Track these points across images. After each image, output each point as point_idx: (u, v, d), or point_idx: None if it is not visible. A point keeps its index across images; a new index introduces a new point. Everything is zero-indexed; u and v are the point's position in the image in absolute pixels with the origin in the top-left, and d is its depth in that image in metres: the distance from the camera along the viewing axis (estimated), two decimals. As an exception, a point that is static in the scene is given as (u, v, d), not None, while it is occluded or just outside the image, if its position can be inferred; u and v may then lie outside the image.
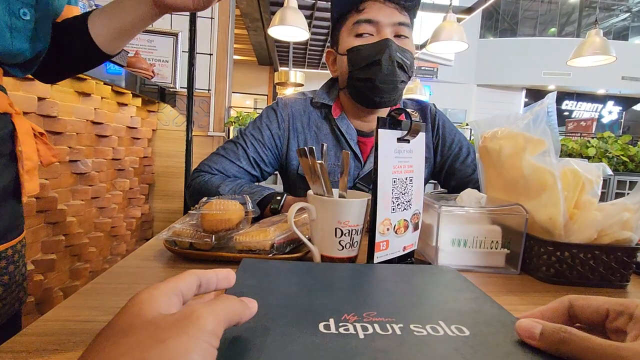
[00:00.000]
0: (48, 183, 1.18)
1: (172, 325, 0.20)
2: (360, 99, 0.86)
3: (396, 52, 0.78)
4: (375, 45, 0.79)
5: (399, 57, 0.78)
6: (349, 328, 0.28)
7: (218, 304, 0.23)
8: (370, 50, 0.79)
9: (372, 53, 0.78)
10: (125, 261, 0.51)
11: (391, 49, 0.77)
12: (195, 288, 0.26)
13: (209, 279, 0.27)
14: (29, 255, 1.12)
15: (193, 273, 0.26)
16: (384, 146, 0.48)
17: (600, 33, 2.79)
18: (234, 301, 0.24)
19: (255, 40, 6.56)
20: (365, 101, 0.85)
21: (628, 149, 2.49)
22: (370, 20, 0.79)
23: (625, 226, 0.50)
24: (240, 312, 0.24)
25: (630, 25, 13.10)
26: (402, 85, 0.83)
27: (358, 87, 0.83)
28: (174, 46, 2.17)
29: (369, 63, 0.79)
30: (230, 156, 0.87)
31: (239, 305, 0.24)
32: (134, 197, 1.94)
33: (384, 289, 0.38)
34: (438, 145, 0.97)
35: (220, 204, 0.55)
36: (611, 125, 12.53)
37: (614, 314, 0.25)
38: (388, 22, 0.80)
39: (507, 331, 0.29)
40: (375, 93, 0.81)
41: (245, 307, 0.25)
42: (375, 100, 0.83)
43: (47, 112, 1.16)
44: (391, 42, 0.78)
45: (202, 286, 0.27)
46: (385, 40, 0.78)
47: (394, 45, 0.78)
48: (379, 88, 0.80)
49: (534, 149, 0.55)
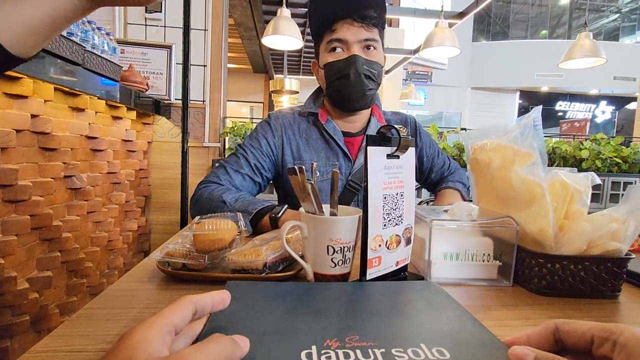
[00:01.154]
0: (42, 200, 1.18)
1: None
2: (337, 105, 1.00)
3: (363, 66, 0.91)
4: (344, 62, 0.91)
5: (365, 69, 0.91)
6: (330, 356, 0.28)
7: (208, 349, 0.23)
8: (339, 65, 0.92)
9: (341, 67, 0.91)
10: (118, 284, 0.51)
11: (357, 64, 0.90)
12: (191, 316, 0.27)
13: (205, 305, 0.27)
14: (23, 273, 1.12)
15: (189, 302, 0.26)
16: (373, 163, 0.49)
17: (590, 35, 2.83)
18: (224, 343, 0.24)
19: (250, 48, 6.59)
20: (341, 107, 0.99)
21: (621, 150, 2.51)
22: (340, 39, 0.91)
23: (614, 237, 0.50)
24: (231, 354, 0.24)
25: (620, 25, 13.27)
26: (371, 92, 0.95)
27: (333, 96, 0.98)
28: (168, 58, 2.18)
29: (340, 77, 0.92)
30: (233, 166, 0.95)
31: (229, 346, 0.24)
32: (130, 210, 1.94)
33: (368, 309, 0.38)
34: (422, 148, 1.12)
35: (213, 223, 0.55)
36: (605, 125, 12.63)
37: (599, 341, 0.25)
38: (355, 40, 0.91)
39: (486, 352, 0.29)
40: (347, 101, 0.95)
41: (236, 348, 0.25)
42: (347, 107, 0.97)
43: (40, 129, 1.17)
44: (357, 57, 0.90)
45: (198, 312, 0.27)
46: (353, 57, 0.90)
47: (361, 60, 0.90)
48: (349, 97, 0.94)
49: (522, 162, 0.55)
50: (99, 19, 2.03)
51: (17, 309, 1.08)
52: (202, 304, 0.27)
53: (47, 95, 1.17)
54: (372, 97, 0.97)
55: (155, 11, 2.20)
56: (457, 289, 0.54)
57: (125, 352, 0.21)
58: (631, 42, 12.92)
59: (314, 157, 0.99)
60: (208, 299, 0.28)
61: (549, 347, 0.27)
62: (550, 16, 13.31)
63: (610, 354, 0.24)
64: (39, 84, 1.13)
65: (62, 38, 1.17)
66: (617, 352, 0.24)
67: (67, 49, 1.20)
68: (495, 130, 0.62)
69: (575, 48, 2.84)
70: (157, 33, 2.24)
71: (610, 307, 0.50)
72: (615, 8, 13.12)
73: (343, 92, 0.93)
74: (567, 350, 0.27)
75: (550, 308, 0.48)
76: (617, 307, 0.50)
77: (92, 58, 1.37)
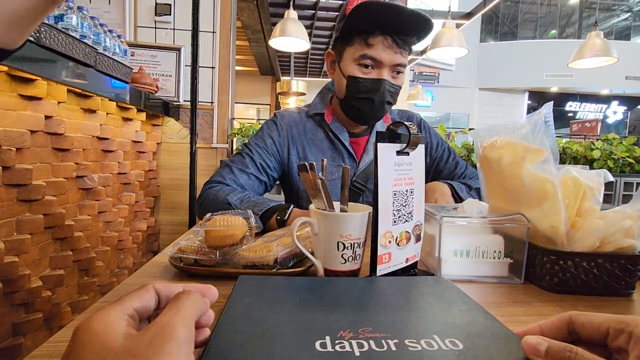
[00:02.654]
0: (55, 199, 1.20)
1: (148, 346, 0.20)
2: (350, 116, 0.97)
3: (387, 91, 0.89)
4: (372, 83, 0.89)
5: (388, 95, 0.90)
6: (344, 345, 0.28)
7: (184, 308, 0.23)
8: (366, 86, 0.89)
9: (368, 89, 0.89)
10: (131, 279, 0.52)
11: (384, 90, 0.89)
12: (153, 303, 0.25)
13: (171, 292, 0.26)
14: (37, 272, 1.14)
15: (150, 287, 0.26)
16: (383, 160, 0.49)
17: (601, 34, 2.79)
18: (195, 297, 0.25)
19: (257, 51, 6.63)
20: (354, 120, 0.97)
21: (633, 150, 2.47)
22: (374, 58, 0.87)
23: (628, 234, 0.50)
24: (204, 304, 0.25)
25: (632, 24, 13.06)
26: (386, 111, 0.95)
27: (350, 109, 0.95)
28: (177, 61, 2.21)
29: (363, 97, 0.90)
30: (239, 165, 0.94)
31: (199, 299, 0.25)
32: (139, 210, 1.96)
33: (380, 303, 0.38)
34: (426, 149, 1.08)
35: (224, 219, 0.55)
36: (617, 126, 12.43)
37: (615, 332, 0.25)
38: (389, 63, 0.88)
39: (499, 344, 0.29)
40: (363, 118, 0.95)
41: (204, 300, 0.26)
42: (362, 122, 0.97)
43: (54, 129, 1.19)
44: (386, 82, 0.88)
45: (163, 300, 0.26)
46: (381, 81, 0.88)
47: (387, 85, 0.89)
48: (367, 116, 0.94)
49: (534, 158, 0.55)
50: (111, 22, 2.06)
51: (30, 306, 1.10)
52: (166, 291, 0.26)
53: (60, 97, 1.20)
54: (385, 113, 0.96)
55: (165, 14, 2.23)
56: (468, 286, 0.53)
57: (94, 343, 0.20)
58: (643, 41, 12.71)
59: (318, 158, 0.97)
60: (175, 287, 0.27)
61: (562, 338, 0.27)
62: (559, 16, 13.16)
63: (625, 346, 0.24)
64: (52, 85, 1.15)
65: (75, 41, 1.19)
66: (632, 344, 0.24)
67: (80, 51, 1.22)
68: (505, 128, 0.62)
69: (585, 47, 2.80)
70: (167, 36, 2.26)
71: (624, 305, 0.49)
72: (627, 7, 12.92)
73: (362, 112, 0.92)
74: (582, 341, 0.27)
75: (562, 305, 0.48)
76: (631, 305, 0.49)
77: (104, 60, 1.39)
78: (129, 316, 0.23)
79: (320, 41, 6.65)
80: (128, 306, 0.23)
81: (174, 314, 0.22)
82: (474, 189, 0.98)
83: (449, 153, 1.09)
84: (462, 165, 1.09)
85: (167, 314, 0.23)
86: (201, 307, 0.25)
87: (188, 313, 0.23)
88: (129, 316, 0.23)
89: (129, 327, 0.22)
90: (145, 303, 0.25)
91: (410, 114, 1.12)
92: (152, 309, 0.25)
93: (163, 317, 0.22)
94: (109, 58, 1.43)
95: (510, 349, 0.29)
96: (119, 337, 0.21)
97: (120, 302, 0.23)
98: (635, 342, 0.24)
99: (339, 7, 5.08)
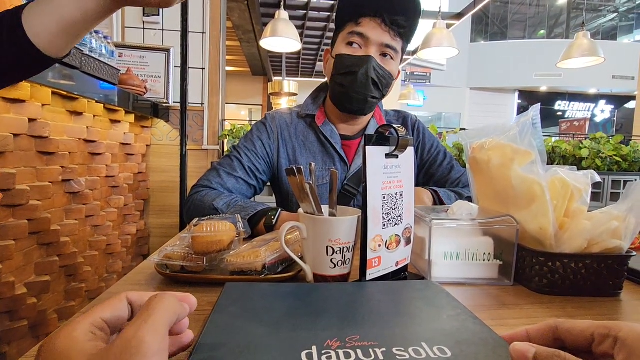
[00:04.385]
0: (40, 204, 1.18)
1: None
2: (335, 101, 0.94)
3: (373, 70, 0.86)
4: (357, 59, 0.86)
5: (374, 74, 0.86)
6: (331, 356, 0.28)
7: (155, 314, 0.21)
8: (351, 61, 0.87)
9: (352, 64, 0.86)
10: (115, 287, 0.51)
11: (369, 66, 0.85)
12: (127, 313, 0.24)
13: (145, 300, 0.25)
14: (21, 278, 1.11)
15: (122, 297, 0.25)
16: (372, 163, 0.48)
17: (588, 35, 2.83)
18: (169, 301, 0.23)
19: (248, 51, 6.60)
20: (338, 104, 0.94)
21: (621, 149, 2.51)
22: (361, 34, 0.86)
23: (615, 235, 0.50)
24: (179, 309, 0.24)
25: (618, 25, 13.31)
26: (374, 100, 0.91)
27: (335, 90, 0.92)
28: (166, 62, 2.18)
29: (347, 72, 0.87)
30: (227, 169, 0.92)
31: (174, 303, 0.24)
32: (129, 213, 1.93)
33: (368, 309, 0.38)
34: (418, 150, 1.05)
35: (211, 225, 0.54)
36: (604, 124, 12.65)
37: (600, 338, 0.25)
38: (376, 41, 0.86)
39: (487, 350, 0.29)
40: (346, 99, 0.90)
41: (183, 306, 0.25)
42: (345, 106, 0.92)
43: (38, 133, 1.16)
44: (372, 59, 0.85)
45: (136, 310, 0.25)
46: (367, 57, 0.85)
47: (374, 63, 0.86)
48: (350, 96, 0.89)
49: (522, 160, 0.55)
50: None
51: (15, 314, 1.07)
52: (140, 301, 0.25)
53: (44, 99, 1.17)
54: (372, 105, 0.93)
55: (153, 15, 2.21)
56: (458, 288, 0.53)
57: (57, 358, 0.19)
58: (629, 41, 12.95)
59: (309, 161, 0.95)
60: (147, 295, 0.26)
61: (548, 345, 0.27)
62: (548, 16, 13.35)
63: (610, 351, 0.24)
64: (36, 87, 1.12)
65: (59, 42, 1.16)
66: (617, 348, 0.24)
67: (65, 53, 1.20)
68: (494, 129, 0.62)
69: (573, 47, 2.84)
70: (155, 36, 2.24)
71: (612, 305, 0.49)
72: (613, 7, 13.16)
73: (346, 89, 0.88)
74: (567, 348, 0.26)
75: (551, 307, 0.48)
76: (619, 305, 0.50)
77: (89, 61, 1.37)
78: (99, 328, 0.22)
79: (311, 41, 6.64)
80: (97, 318, 0.22)
81: (142, 323, 0.21)
82: (465, 198, 0.89)
83: (444, 156, 1.05)
84: (459, 171, 1.04)
85: (135, 323, 0.21)
86: (176, 311, 0.24)
87: (159, 320, 0.21)
88: (98, 328, 0.22)
89: (96, 342, 0.21)
90: (118, 313, 0.23)
91: (406, 114, 1.10)
92: (125, 319, 0.24)
93: (130, 328, 0.20)
94: (95, 59, 1.40)
95: (499, 355, 0.28)
96: (84, 355, 0.19)
97: (88, 315, 0.22)
98: (621, 346, 0.24)
99: (331, 7, 5.08)
